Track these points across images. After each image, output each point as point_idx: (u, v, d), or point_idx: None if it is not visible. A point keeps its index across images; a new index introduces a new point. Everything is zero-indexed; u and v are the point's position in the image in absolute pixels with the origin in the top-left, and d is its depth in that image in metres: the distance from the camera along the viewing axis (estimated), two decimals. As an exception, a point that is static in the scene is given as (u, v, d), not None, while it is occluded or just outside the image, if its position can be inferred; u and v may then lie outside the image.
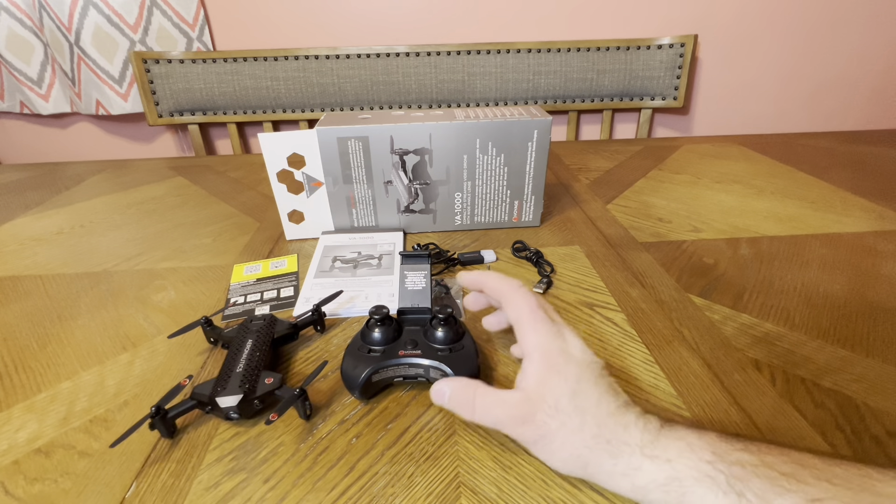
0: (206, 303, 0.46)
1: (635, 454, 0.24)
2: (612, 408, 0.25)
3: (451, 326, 0.34)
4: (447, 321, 0.34)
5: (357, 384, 0.32)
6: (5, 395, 0.36)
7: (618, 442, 0.24)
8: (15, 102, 1.08)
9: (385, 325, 0.34)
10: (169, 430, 0.31)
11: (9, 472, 0.30)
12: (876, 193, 0.66)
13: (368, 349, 0.34)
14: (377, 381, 0.33)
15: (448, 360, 0.32)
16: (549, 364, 0.27)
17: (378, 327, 0.34)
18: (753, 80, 1.12)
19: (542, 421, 0.25)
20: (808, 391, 0.33)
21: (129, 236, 0.61)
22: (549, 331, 0.28)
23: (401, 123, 0.51)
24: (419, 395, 0.34)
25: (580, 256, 0.52)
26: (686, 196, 0.67)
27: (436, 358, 0.33)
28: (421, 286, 0.39)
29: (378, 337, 0.34)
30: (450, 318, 0.34)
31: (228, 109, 1.06)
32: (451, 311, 0.34)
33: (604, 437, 0.24)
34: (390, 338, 0.34)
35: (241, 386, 0.31)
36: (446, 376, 0.31)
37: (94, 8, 0.95)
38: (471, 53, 1.02)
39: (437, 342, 0.34)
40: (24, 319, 0.44)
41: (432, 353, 0.33)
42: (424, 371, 0.33)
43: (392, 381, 0.34)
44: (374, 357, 0.33)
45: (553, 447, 0.25)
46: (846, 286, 0.45)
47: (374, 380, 0.33)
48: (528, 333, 0.28)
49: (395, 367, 0.33)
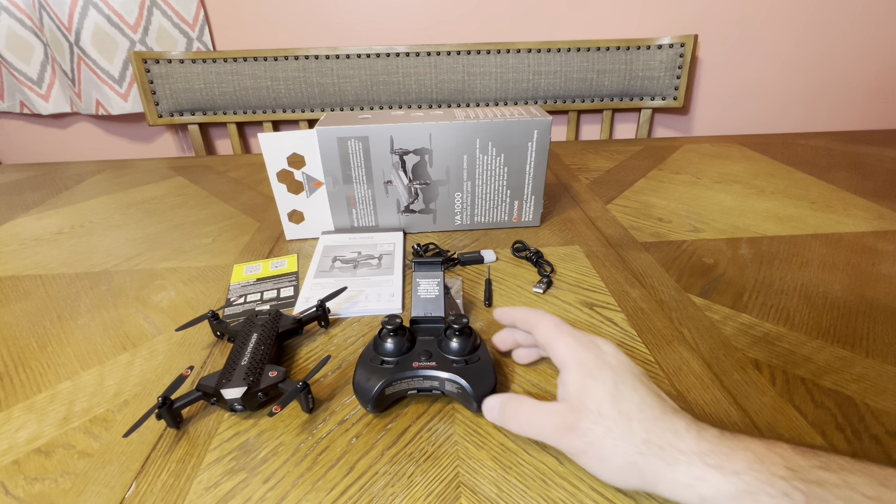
0: (207, 303, 0.46)
1: (695, 462, 0.22)
2: (657, 412, 0.24)
3: (466, 337, 0.33)
4: (462, 331, 0.33)
5: (370, 398, 0.31)
6: (5, 395, 0.36)
7: (671, 448, 0.23)
8: (15, 102, 1.08)
9: (398, 336, 0.33)
10: (175, 420, 0.31)
11: (9, 472, 0.30)
12: (876, 193, 0.66)
13: (381, 360, 0.33)
14: (390, 394, 0.32)
15: (464, 373, 0.31)
16: (585, 371, 0.27)
17: (391, 337, 0.33)
18: (753, 80, 1.12)
19: (587, 428, 0.25)
20: (808, 391, 0.33)
21: (129, 236, 0.61)
22: (579, 340, 0.28)
23: (401, 123, 0.51)
24: (419, 396, 0.34)
25: (580, 256, 0.52)
26: (686, 196, 0.67)
27: (451, 370, 0.31)
28: (434, 294, 0.38)
29: (391, 348, 0.33)
30: (465, 328, 0.33)
31: (228, 109, 1.06)
32: (467, 321, 0.33)
33: (655, 443, 0.23)
34: (404, 348, 0.33)
35: (245, 378, 0.32)
36: (462, 389, 0.31)
37: (94, 8, 0.95)
38: (471, 53, 1.02)
39: (452, 353, 0.33)
40: (24, 319, 0.44)
41: (447, 364, 0.32)
42: (440, 384, 0.32)
43: (406, 393, 0.33)
44: (387, 369, 0.32)
45: (603, 455, 0.24)
46: (846, 286, 0.45)
47: (388, 392, 0.32)
48: (559, 346, 0.29)
49: (410, 379, 0.32)
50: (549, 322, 0.30)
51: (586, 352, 0.28)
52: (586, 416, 0.25)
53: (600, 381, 0.26)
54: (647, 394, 0.25)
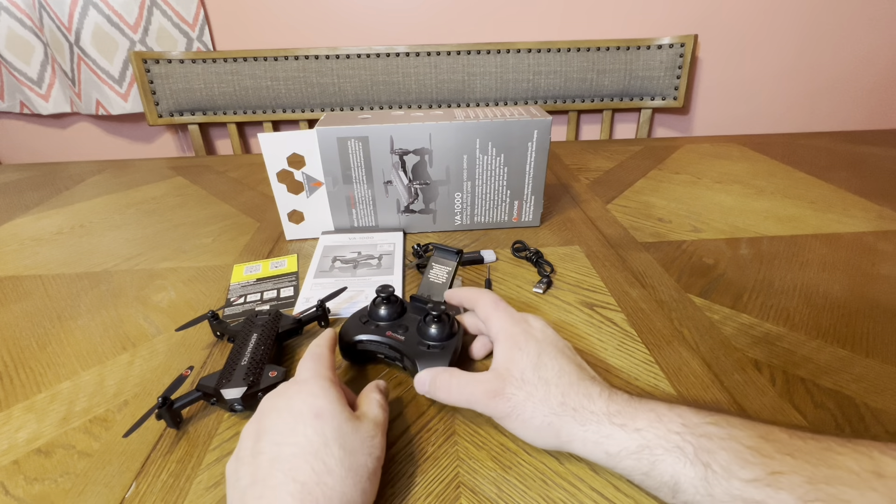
0: (206, 303, 0.46)
1: (603, 422, 0.25)
2: (573, 379, 0.27)
3: (442, 325, 0.35)
4: (439, 319, 0.35)
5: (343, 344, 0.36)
6: (5, 395, 0.36)
7: (584, 410, 0.26)
8: (15, 102, 1.08)
9: (389, 304, 0.37)
10: (175, 420, 0.31)
11: (9, 472, 0.30)
12: (876, 193, 0.66)
13: (367, 320, 0.37)
14: (362, 350, 0.36)
15: (422, 356, 0.33)
16: (512, 343, 0.30)
17: (384, 305, 0.37)
18: (754, 80, 1.12)
19: (511, 393, 0.27)
20: (807, 391, 0.33)
21: (129, 236, 0.61)
22: (511, 316, 0.32)
23: (401, 123, 0.51)
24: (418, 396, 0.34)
25: (580, 256, 0.52)
26: (686, 196, 0.67)
27: (414, 350, 0.34)
28: (442, 280, 0.41)
29: (379, 313, 0.37)
30: (442, 316, 0.35)
31: (228, 109, 1.06)
32: (445, 310, 0.35)
33: (569, 405, 0.26)
34: (392, 316, 0.37)
35: (245, 378, 0.32)
36: (414, 368, 0.33)
37: (94, 8, 0.95)
38: (471, 53, 1.02)
39: (426, 337, 0.35)
40: (24, 319, 0.44)
41: (413, 343, 0.34)
42: (400, 358, 0.35)
43: (376, 355, 0.36)
44: (367, 328, 0.36)
45: (525, 417, 0.27)
46: (846, 286, 0.45)
47: (359, 347, 0.36)
48: (494, 322, 0.32)
49: (378, 343, 0.35)
50: (488, 300, 0.33)
51: (516, 326, 0.31)
52: (511, 383, 0.28)
53: (525, 352, 0.29)
54: (567, 363, 0.28)
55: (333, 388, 0.27)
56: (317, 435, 0.24)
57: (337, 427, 0.24)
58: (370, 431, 0.26)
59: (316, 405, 0.25)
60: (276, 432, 0.24)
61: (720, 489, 0.21)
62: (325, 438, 0.24)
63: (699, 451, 0.22)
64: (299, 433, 0.24)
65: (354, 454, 0.24)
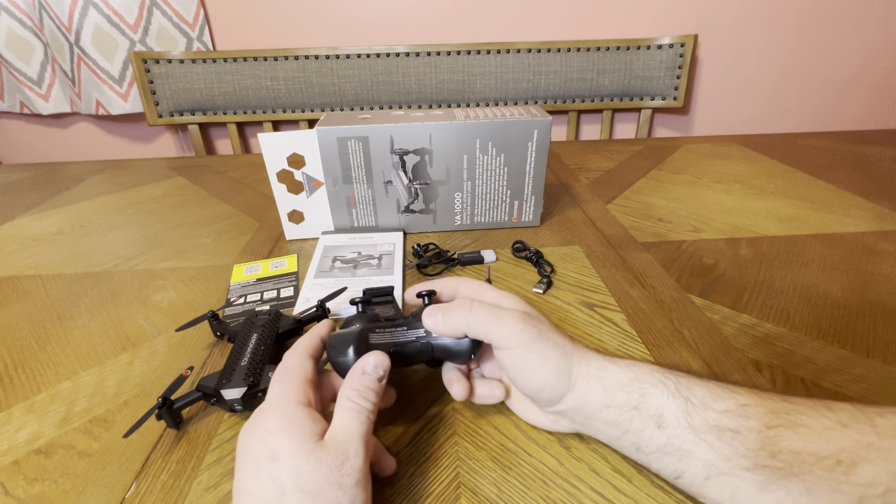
0: (206, 303, 0.46)
1: (599, 359, 0.28)
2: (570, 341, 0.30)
3: None
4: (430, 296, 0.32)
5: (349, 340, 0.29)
6: (5, 395, 0.36)
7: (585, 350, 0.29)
8: (15, 102, 1.08)
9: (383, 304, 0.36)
10: (175, 420, 0.31)
11: (9, 472, 0.30)
12: (876, 193, 0.66)
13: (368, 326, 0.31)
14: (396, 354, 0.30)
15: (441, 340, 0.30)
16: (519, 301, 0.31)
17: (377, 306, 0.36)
18: (753, 80, 1.12)
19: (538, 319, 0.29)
20: (808, 391, 0.33)
21: (129, 236, 0.61)
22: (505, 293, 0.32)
23: (401, 123, 0.51)
24: (418, 397, 0.34)
25: (580, 256, 0.52)
26: (686, 196, 0.67)
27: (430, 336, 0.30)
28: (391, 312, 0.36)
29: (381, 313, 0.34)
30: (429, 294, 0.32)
31: (228, 109, 1.06)
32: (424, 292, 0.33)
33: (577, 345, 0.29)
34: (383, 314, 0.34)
35: (245, 379, 0.32)
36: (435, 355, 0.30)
37: (94, 8, 0.95)
38: (471, 53, 1.02)
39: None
40: (24, 319, 0.44)
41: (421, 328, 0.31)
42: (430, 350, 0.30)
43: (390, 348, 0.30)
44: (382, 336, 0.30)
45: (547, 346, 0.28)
46: (846, 286, 0.45)
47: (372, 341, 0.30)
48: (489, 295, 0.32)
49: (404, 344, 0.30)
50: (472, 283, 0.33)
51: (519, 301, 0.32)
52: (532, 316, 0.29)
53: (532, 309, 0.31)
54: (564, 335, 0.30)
55: (297, 413, 0.24)
56: (273, 482, 0.22)
57: (293, 468, 0.22)
58: (337, 459, 0.23)
59: (271, 445, 0.23)
60: (239, 480, 0.23)
61: (699, 419, 0.24)
62: (281, 486, 0.22)
63: (679, 386, 0.25)
64: (257, 481, 0.22)
65: (320, 494, 0.22)
